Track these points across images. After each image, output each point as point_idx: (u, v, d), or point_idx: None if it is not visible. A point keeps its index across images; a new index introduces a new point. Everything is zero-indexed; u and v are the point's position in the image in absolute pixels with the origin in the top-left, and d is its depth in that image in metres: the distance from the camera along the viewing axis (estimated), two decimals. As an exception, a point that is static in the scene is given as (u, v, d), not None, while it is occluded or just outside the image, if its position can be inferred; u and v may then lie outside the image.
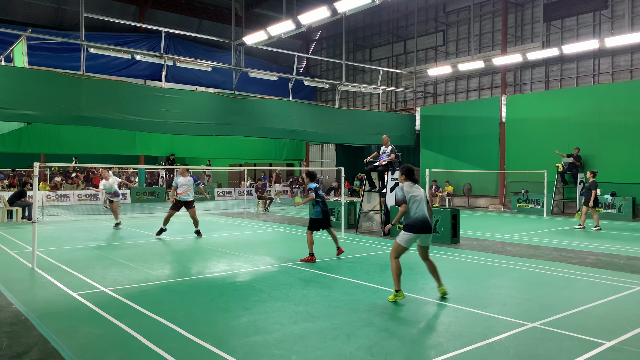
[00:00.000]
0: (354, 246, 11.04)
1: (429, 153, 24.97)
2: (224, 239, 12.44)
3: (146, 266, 8.72)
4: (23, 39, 15.98)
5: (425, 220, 6.34)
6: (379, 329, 5.24)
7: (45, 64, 20.07)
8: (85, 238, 12.22)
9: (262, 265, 8.94)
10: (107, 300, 6.38)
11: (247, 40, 19.48)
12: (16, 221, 16.28)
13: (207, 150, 28.32)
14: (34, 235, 8.49)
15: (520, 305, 6.21)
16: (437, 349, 4.70)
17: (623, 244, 11.60)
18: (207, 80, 27.78)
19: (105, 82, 16.69)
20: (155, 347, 4.69)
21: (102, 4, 26.02)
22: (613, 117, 18.80)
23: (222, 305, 6.18)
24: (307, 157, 33.46)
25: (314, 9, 15.26)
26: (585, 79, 21.36)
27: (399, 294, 6.31)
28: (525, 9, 23.35)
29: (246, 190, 25.48)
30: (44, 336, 5.00)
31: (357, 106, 31.72)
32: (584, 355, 4.50)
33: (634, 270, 8.35)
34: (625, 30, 19.49)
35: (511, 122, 22.08)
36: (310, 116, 21.63)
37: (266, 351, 4.62)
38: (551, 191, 19.64)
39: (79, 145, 24.09)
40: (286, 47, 28.04)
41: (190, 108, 18.00)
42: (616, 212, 17.76)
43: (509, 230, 14.24)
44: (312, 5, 17.96)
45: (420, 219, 6.32)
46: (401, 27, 29.30)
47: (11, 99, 14.40)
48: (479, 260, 9.42)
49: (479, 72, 24.86)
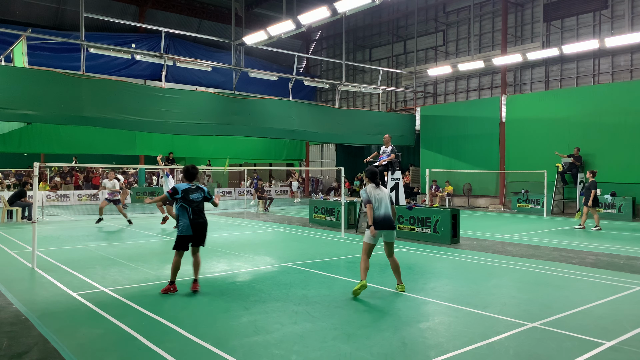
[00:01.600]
0: (354, 246, 11.03)
1: (429, 153, 24.97)
2: (224, 239, 12.44)
3: (146, 266, 8.72)
4: (23, 39, 15.98)
5: (386, 218, 6.82)
6: (379, 329, 5.24)
7: (45, 64, 20.07)
8: (85, 238, 12.22)
9: (262, 265, 8.94)
10: (107, 300, 6.38)
11: (247, 40, 19.49)
12: (16, 221, 16.27)
13: (207, 150, 28.32)
14: (34, 235, 8.49)
15: (520, 305, 6.21)
16: (437, 349, 4.70)
17: (623, 244, 11.60)
18: (207, 80, 27.79)
19: (105, 82, 16.70)
20: (155, 347, 4.69)
21: (102, 4, 26.01)
22: (613, 117, 18.80)
23: (222, 305, 6.18)
24: (307, 157, 33.46)
25: (314, 9, 15.27)
26: (585, 79, 21.36)
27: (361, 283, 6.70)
28: (525, 9, 23.35)
29: (246, 190, 25.47)
30: (44, 336, 5.00)
31: (357, 106, 31.73)
32: (584, 355, 4.50)
33: (634, 270, 8.35)
34: (625, 30, 19.49)
35: (511, 122, 22.08)
36: (310, 116, 21.64)
37: (266, 351, 4.62)
38: (551, 191, 19.63)
39: (79, 145, 24.10)
40: (286, 47, 28.06)
41: (190, 108, 18.01)
42: (616, 212, 17.76)
43: (509, 230, 14.24)
44: (312, 5, 17.96)
45: (381, 216, 6.79)
46: (401, 27, 29.30)
47: (11, 99, 14.41)
48: (479, 260, 9.42)
49: (479, 72, 24.86)
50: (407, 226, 12.36)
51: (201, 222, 6.70)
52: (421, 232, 12.04)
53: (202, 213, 6.75)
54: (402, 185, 13.75)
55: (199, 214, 6.69)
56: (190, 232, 6.61)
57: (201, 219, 6.71)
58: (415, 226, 12.21)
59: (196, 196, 6.69)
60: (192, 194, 6.67)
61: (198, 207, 6.70)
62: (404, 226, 12.42)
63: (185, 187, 6.68)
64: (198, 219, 6.66)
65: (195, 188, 6.75)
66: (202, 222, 6.73)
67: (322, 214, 15.57)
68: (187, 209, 6.61)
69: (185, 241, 6.70)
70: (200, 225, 6.68)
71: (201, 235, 6.76)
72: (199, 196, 6.73)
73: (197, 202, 6.68)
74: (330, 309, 5.98)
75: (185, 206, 6.61)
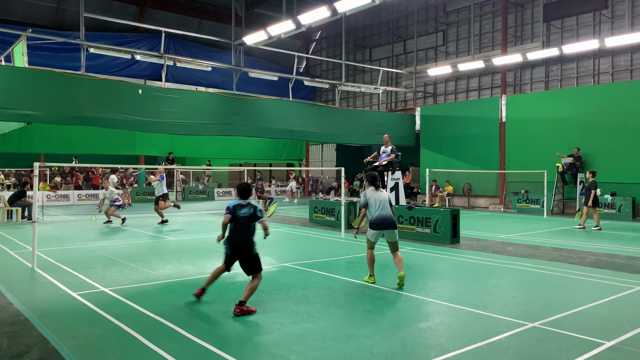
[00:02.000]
0: (354, 246, 11.03)
1: (429, 153, 24.97)
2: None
3: (146, 266, 8.72)
4: (23, 39, 15.98)
5: (384, 218, 7.21)
6: (379, 329, 5.24)
7: (45, 64, 20.06)
8: (85, 238, 12.22)
9: (262, 265, 8.92)
10: (107, 300, 6.38)
11: (247, 40, 19.48)
12: (16, 221, 16.27)
13: (207, 150, 28.32)
14: (34, 235, 8.49)
15: (520, 305, 6.21)
16: (437, 349, 4.70)
17: (623, 244, 11.60)
18: (207, 80, 27.78)
19: (105, 82, 16.70)
20: (155, 347, 4.69)
21: (102, 4, 26.02)
22: (613, 117, 18.80)
23: (222, 305, 6.18)
24: (307, 157, 33.47)
25: (314, 9, 15.27)
26: (585, 79, 21.36)
27: (370, 278, 7.41)
28: (525, 9, 23.35)
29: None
30: (44, 336, 5.00)
31: (357, 106, 31.73)
32: (584, 355, 4.50)
33: (634, 270, 8.35)
34: (625, 30, 19.49)
35: (511, 122, 22.08)
36: (310, 116, 21.64)
37: (266, 351, 4.62)
38: (551, 191, 19.63)
39: (79, 145, 24.11)
40: (286, 47, 28.05)
41: (190, 108, 18.01)
42: (616, 212, 17.76)
43: (509, 230, 14.24)
44: (312, 5, 17.97)
45: (380, 217, 7.22)
46: (401, 27, 29.30)
47: (11, 99, 14.41)
48: (479, 260, 9.42)
49: (479, 72, 24.86)
50: (407, 226, 12.36)
51: (240, 239, 6.00)
52: (421, 232, 12.04)
53: (246, 230, 6.03)
54: (402, 185, 13.75)
55: (240, 231, 6.02)
56: (228, 250, 6.09)
57: (241, 235, 6.00)
58: (415, 226, 12.21)
59: (244, 211, 6.05)
60: (240, 209, 6.09)
61: (243, 224, 6.03)
62: (404, 226, 12.42)
63: (235, 202, 6.18)
64: (237, 236, 6.01)
65: (245, 204, 6.14)
66: (241, 239, 5.99)
67: (322, 214, 15.57)
68: (231, 224, 6.08)
69: (227, 258, 6.15)
70: (238, 244, 6.01)
71: (241, 257, 6.03)
72: (247, 212, 6.05)
73: (243, 217, 6.03)
74: (330, 309, 5.98)
75: (232, 222, 6.08)
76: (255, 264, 6.05)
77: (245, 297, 5.87)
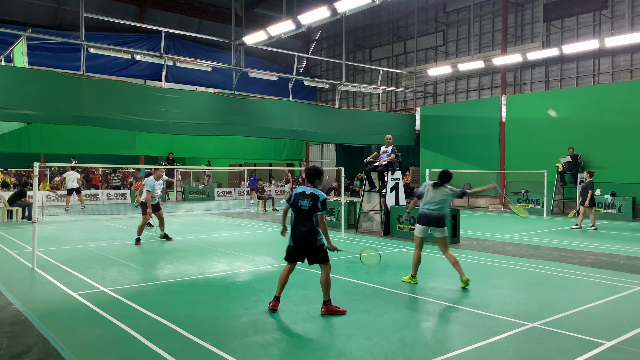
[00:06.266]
0: (354, 246, 11.02)
1: (429, 153, 24.96)
2: (224, 239, 12.44)
3: (146, 266, 8.72)
4: (23, 39, 15.98)
5: (428, 215, 7.20)
6: (379, 329, 5.24)
7: (45, 64, 20.07)
8: (85, 238, 12.22)
9: (262, 265, 8.94)
10: (107, 300, 6.38)
11: (247, 40, 19.48)
12: (16, 221, 16.27)
13: (207, 150, 28.30)
14: (34, 235, 8.48)
15: (520, 305, 6.21)
16: (437, 349, 4.70)
17: (623, 244, 11.60)
18: (207, 80, 27.77)
19: (105, 82, 16.69)
20: (155, 347, 4.69)
21: (102, 4, 26.01)
22: (613, 117, 18.78)
23: (222, 305, 6.18)
24: (307, 157, 33.46)
25: (314, 9, 15.27)
26: (585, 79, 21.36)
27: (413, 279, 7.38)
28: (525, 9, 23.35)
29: (246, 191, 25.46)
30: (44, 336, 5.00)
31: (357, 106, 31.72)
32: (584, 355, 4.50)
33: (634, 270, 8.35)
34: (625, 30, 19.49)
35: (511, 122, 22.07)
36: (310, 116, 21.63)
37: (266, 351, 4.62)
38: (551, 191, 19.63)
39: (79, 145, 24.07)
40: (286, 47, 28.04)
41: (190, 108, 18.00)
42: (616, 212, 17.76)
43: (509, 230, 14.24)
44: (312, 5, 17.96)
45: (425, 213, 7.24)
46: (401, 27, 29.30)
47: (11, 99, 14.41)
48: (479, 260, 9.42)
49: (479, 72, 24.86)
50: (407, 226, 12.36)
51: (301, 231, 5.72)
52: (421, 232, 12.02)
53: (307, 221, 5.70)
54: (402, 185, 13.75)
55: (302, 223, 5.73)
56: (291, 242, 5.86)
57: (303, 228, 5.71)
58: (415, 226, 12.18)
59: (304, 203, 5.74)
60: (302, 199, 5.75)
61: (305, 215, 5.73)
62: (403, 226, 12.42)
63: (301, 190, 5.84)
64: (299, 227, 5.75)
65: (309, 194, 5.77)
66: (302, 231, 5.72)
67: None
68: (292, 214, 5.82)
69: (290, 252, 5.88)
70: (299, 237, 5.74)
71: (305, 249, 5.77)
72: (307, 204, 5.71)
73: (304, 210, 5.73)
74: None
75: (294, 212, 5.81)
76: (318, 255, 5.78)
77: (325, 294, 5.75)
